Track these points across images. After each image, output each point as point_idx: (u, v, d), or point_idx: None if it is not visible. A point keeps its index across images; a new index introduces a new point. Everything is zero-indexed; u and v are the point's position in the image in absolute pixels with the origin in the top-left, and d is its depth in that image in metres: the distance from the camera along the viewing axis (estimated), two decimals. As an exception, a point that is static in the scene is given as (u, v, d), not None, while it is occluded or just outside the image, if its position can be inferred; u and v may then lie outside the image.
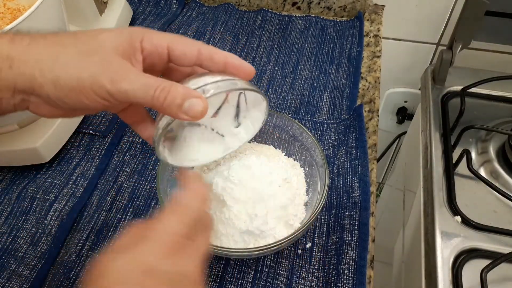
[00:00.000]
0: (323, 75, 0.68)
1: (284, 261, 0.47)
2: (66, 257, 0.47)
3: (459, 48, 0.68)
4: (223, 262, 0.47)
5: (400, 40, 0.86)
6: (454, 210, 0.55)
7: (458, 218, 0.54)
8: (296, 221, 0.45)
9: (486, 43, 0.79)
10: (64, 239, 0.49)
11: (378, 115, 0.62)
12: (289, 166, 0.50)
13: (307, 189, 0.49)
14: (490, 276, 0.47)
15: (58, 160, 0.57)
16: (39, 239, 0.49)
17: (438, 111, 0.68)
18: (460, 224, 0.54)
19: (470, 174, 0.57)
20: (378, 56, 0.71)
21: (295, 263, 0.46)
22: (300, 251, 0.47)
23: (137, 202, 0.53)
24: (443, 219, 0.55)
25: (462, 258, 0.51)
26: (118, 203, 0.52)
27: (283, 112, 0.62)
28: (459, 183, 0.58)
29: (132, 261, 0.27)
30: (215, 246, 0.40)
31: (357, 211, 0.49)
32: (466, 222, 0.54)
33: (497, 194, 0.56)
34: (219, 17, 0.79)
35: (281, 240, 0.41)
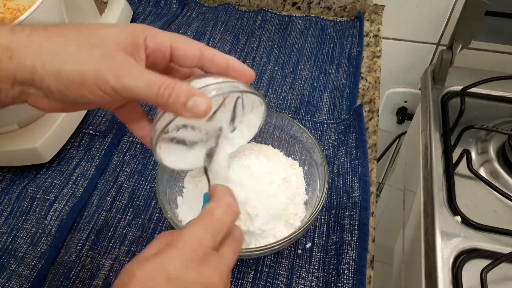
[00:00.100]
0: (323, 75, 0.68)
1: (284, 261, 0.47)
2: (66, 257, 0.47)
3: (459, 48, 0.68)
4: (223, 262, 0.47)
5: (400, 40, 0.86)
6: (454, 210, 0.55)
7: (458, 218, 0.54)
8: (296, 220, 0.45)
9: (486, 43, 0.79)
10: (64, 239, 0.49)
11: (378, 115, 0.62)
12: (288, 166, 0.50)
13: (306, 188, 0.49)
14: (490, 276, 0.47)
15: (58, 160, 0.57)
16: (39, 239, 0.49)
17: (438, 111, 0.68)
18: (460, 224, 0.54)
19: (470, 174, 0.57)
20: (378, 56, 0.71)
21: (295, 263, 0.46)
22: (300, 251, 0.47)
23: (137, 202, 0.53)
24: (443, 219, 0.55)
25: (462, 258, 0.51)
26: (118, 203, 0.52)
27: (283, 112, 0.62)
28: (459, 183, 0.58)
29: (157, 269, 0.27)
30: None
31: (357, 211, 0.49)
32: (466, 222, 0.54)
33: (497, 194, 0.56)
34: (219, 17, 0.79)
35: (282, 239, 0.41)
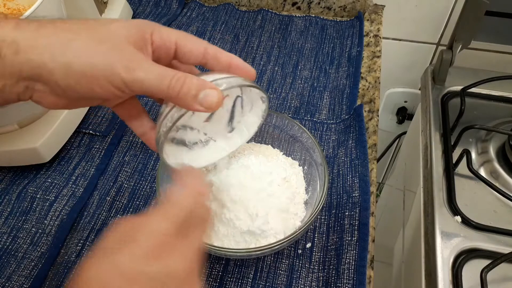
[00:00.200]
0: (323, 75, 0.68)
1: (284, 261, 0.47)
2: (66, 257, 0.47)
3: (459, 48, 0.68)
4: (223, 262, 0.47)
5: (400, 40, 0.86)
6: (454, 210, 0.55)
7: (458, 218, 0.54)
8: (296, 220, 0.45)
9: (486, 43, 0.79)
10: (64, 239, 0.49)
11: (378, 115, 0.62)
12: (287, 165, 0.50)
13: (306, 187, 0.49)
14: (490, 276, 0.47)
15: (58, 160, 0.57)
16: (39, 239, 0.49)
17: (438, 111, 0.68)
18: (460, 224, 0.54)
19: (470, 174, 0.57)
20: (378, 56, 0.71)
21: (295, 263, 0.46)
22: (300, 251, 0.47)
23: (137, 202, 0.53)
24: (443, 219, 0.55)
25: (462, 258, 0.51)
26: (118, 203, 0.52)
27: (283, 112, 0.62)
28: (459, 183, 0.58)
29: (115, 268, 0.25)
30: (217, 247, 0.40)
31: (357, 211, 0.49)
32: (466, 222, 0.54)
33: (497, 194, 0.56)
34: (219, 17, 0.79)
35: (282, 239, 0.41)
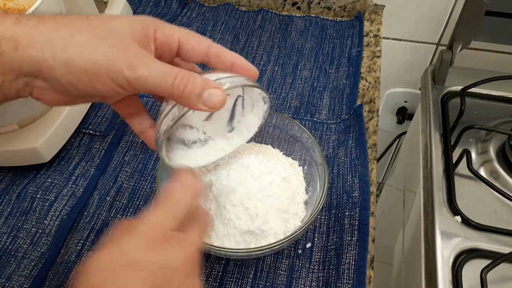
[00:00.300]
0: (323, 75, 0.68)
1: (284, 261, 0.47)
2: (66, 257, 0.47)
3: (459, 48, 0.68)
4: (223, 262, 0.47)
5: (400, 40, 0.86)
6: (454, 210, 0.55)
7: (458, 218, 0.54)
8: (296, 219, 0.45)
9: (486, 43, 0.79)
10: (64, 239, 0.49)
11: (378, 115, 0.62)
12: (287, 165, 0.50)
13: (306, 187, 0.49)
14: (490, 276, 0.47)
15: (58, 160, 0.57)
16: (39, 239, 0.49)
17: (438, 111, 0.68)
18: (460, 224, 0.54)
19: (470, 174, 0.57)
20: (378, 56, 0.71)
21: (295, 263, 0.46)
22: (300, 251, 0.47)
23: (137, 202, 0.53)
24: (443, 219, 0.55)
25: (462, 258, 0.51)
26: (118, 203, 0.52)
27: (283, 112, 0.62)
28: (459, 183, 0.58)
29: (114, 256, 0.26)
30: (217, 247, 0.40)
31: (357, 211, 0.49)
32: (466, 222, 0.54)
33: (497, 194, 0.56)
34: (219, 17, 0.79)
35: (282, 239, 0.41)
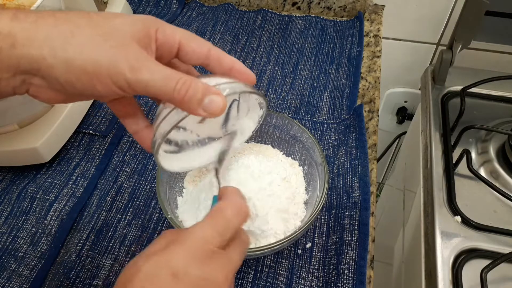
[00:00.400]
0: (323, 75, 0.68)
1: (284, 261, 0.47)
2: (66, 257, 0.47)
3: (459, 48, 0.68)
4: (223, 262, 0.47)
5: (400, 40, 0.86)
6: (454, 210, 0.55)
7: (458, 218, 0.54)
8: (296, 219, 0.45)
9: (486, 43, 0.79)
10: (64, 239, 0.49)
11: (378, 115, 0.62)
12: (287, 165, 0.50)
13: (306, 187, 0.49)
14: (490, 276, 0.47)
15: (58, 160, 0.57)
16: (39, 239, 0.49)
17: (438, 111, 0.68)
18: (460, 224, 0.54)
19: (470, 174, 0.57)
20: (378, 56, 0.71)
21: (295, 263, 0.46)
22: (300, 251, 0.47)
23: (137, 202, 0.53)
24: (443, 219, 0.55)
25: (462, 258, 0.51)
26: (118, 203, 0.52)
27: (283, 112, 0.62)
28: (459, 183, 0.58)
29: (162, 264, 0.27)
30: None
31: (357, 211, 0.49)
32: (466, 222, 0.54)
33: (497, 194, 0.56)
34: (219, 17, 0.79)
35: (282, 239, 0.41)
